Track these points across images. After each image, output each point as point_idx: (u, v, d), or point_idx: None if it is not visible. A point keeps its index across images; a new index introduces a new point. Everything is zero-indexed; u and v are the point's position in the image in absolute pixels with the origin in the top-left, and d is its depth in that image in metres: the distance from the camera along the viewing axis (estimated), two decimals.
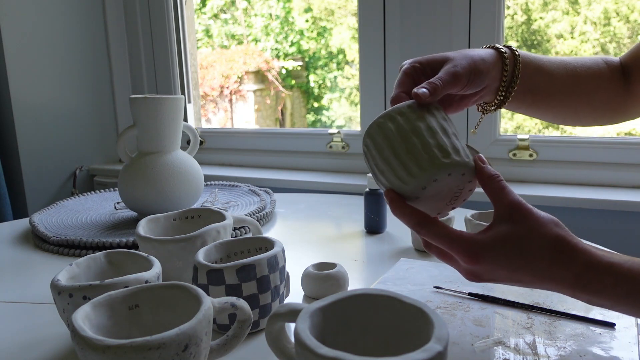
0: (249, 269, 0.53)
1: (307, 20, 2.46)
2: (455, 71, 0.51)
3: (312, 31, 2.45)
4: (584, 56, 0.64)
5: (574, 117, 0.64)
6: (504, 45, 0.57)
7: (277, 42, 2.56)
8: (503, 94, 0.57)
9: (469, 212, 0.75)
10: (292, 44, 2.54)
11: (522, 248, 0.43)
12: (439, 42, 1.27)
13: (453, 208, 0.52)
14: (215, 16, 2.56)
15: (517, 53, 0.57)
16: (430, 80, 0.50)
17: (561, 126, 1.91)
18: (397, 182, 0.47)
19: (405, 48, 1.32)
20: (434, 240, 0.46)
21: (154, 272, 0.53)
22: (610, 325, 0.53)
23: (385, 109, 1.39)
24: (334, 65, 2.44)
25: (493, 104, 0.59)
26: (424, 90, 0.49)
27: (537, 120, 1.93)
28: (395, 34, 1.33)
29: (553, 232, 0.44)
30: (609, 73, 0.63)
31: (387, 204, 0.49)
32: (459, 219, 0.90)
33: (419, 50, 1.30)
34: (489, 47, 0.57)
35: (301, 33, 2.48)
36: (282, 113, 2.66)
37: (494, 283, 0.47)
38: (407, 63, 0.54)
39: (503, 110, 1.42)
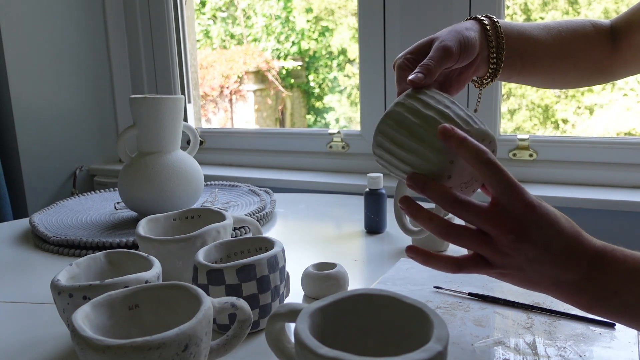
0: (249, 269, 0.53)
1: (308, 21, 2.46)
2: (445, 45, 0.51)
3: (313, 31, 2.45)
4: (568, 20, 0.65)
5: (562, 80, 0.66)
6: (484, 16, 0.58)
7: (278, 42, 2.56)
8: (494, 62, 0.58)
9: None
10: (293, 44, 2.53)
11: (560, 217, 0.44)
12: None
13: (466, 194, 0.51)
14: (215, 16, 2.56)
15: (495, 20, 0.58)
16: (422, 62, 0.50)
17: (561, 126, 1.91)
18: (423, 165, 0.46)
19: (405, 48, 1.32)
20: (494, 185, 0.43)
21: (154, 272, 0.53)
22: (610, 325, 0.53)
23: (385, 109, 1.39)
24: (334, 65, 2.43)
25: (487, 75, 0.59)
26: (419, 74, 0.49)
27: (537, 121, 1.93)
28: (396, 33, 1.33)
29: (570, 228, 0.45)
30: (596, 35, 0.64)
31: (418, 189, 0.46)
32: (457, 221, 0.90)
33: None
34: (468, 19, 0.58)
35: (302, 33, 2.47)
36: (282, 113, 2.66)
37: (525, 250, 0.43)
38: (399, 58, 0.55)
39: (503, 110, 1.42)
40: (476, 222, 0.44)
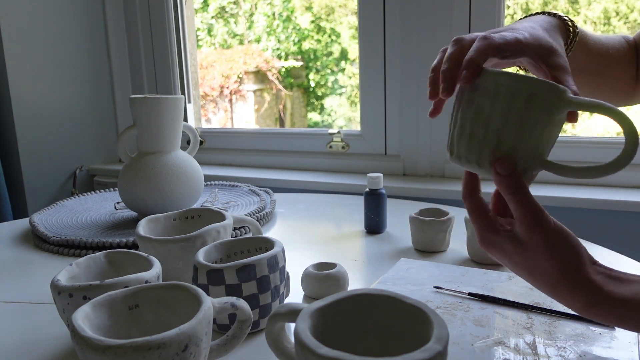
0: (249, 269, 0.53)
1: (312, 21, 2.46)
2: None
3: (316, 31, 2.45)
4: (609, 35, 0.62)
5: (586, 94, 0.64)
6: (569, 19, 0.54)
7: (278, 41, 2.56)
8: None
9: None
10: (294, 44, 2.53)
11: (528, 266, 0.43)
12: (439, 41, 1.27)
13: None
14: (220, 13, 2.56)
15: (577, 32, 0.55)
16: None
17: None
18: (477, 146, 0.45)
19: (405, 47, 1.32)
20: (469, 210, 0.47)
21: (154, 272, 0.53)
22: (611, 326, 0.53)
23: (385, 108, 1.40)
24: (337, 67, 2.43)
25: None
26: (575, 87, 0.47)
27: None
28: (396, 33, 1.33)
29: (562, 263, 0.42)
30: (630, 57, 0.62)
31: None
32: (459, 219, 0.90)
33: (420, 50, 1.30)
34: (554, 17, 0.54)
35: (304, 32, 2.47)
36: (282, 113, 2.65)
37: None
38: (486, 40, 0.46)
39: None
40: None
